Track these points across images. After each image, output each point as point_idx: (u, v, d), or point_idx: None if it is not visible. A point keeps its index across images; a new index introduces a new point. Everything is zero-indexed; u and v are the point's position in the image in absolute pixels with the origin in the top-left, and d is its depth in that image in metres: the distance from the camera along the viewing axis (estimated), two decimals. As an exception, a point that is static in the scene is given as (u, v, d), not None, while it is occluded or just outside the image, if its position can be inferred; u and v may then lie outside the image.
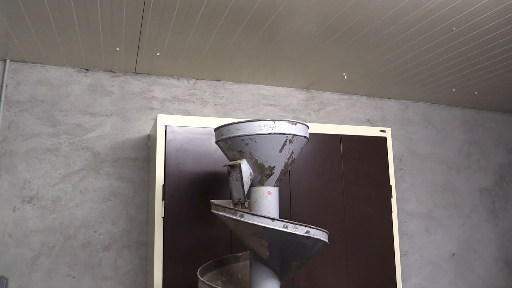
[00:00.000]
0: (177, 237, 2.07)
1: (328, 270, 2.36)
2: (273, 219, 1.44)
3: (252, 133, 1.53)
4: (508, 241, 3.80)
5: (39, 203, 2.50)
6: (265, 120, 1.54)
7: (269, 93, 3.14)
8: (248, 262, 1.90)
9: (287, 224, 1.44)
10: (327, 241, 1.56)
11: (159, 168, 2.11)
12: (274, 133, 1.53)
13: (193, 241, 2.09)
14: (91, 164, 2.63)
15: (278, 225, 1.44)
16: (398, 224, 3.33)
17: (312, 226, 1.48)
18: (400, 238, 3.33)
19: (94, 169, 2.63)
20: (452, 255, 3.53)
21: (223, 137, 1.61)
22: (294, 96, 3.21)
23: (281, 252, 1.52)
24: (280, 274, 1.60)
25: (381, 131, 2.65)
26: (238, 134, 1.55)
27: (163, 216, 2.06)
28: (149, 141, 2.70)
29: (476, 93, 3.36)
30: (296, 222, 1.45)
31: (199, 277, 1.58)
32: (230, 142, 1.59)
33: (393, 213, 2.58)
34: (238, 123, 1.56)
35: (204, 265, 1.74)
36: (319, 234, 1.50)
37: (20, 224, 2.45)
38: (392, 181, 2.61)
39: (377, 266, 2.50)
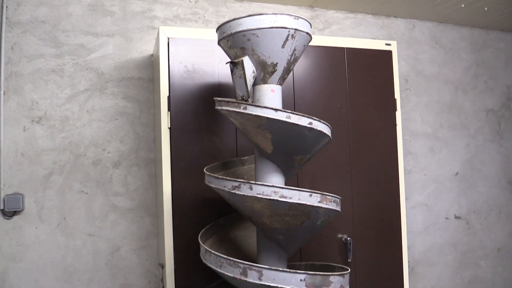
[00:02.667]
0: (184, 147, 2.11)
1: (333, 180, 2.41)
2: (276, 109, 1.45)
3: (254, 27, 1.52)
4: (512, 161, 3.84)
5: (48, 123, 2.54)
6: (267, 14, 1.52)
7: (272, 12, 3.07)
8: (253, 165, 1.95)
9: (290, 114, 1.46)
10: (330, 135, 1.59)
11: (163, 79, 2.11)
12: (276, 27, 1.52)
13: (199, 150, 2.13)
14: (96, 84, 2.64)
15: (281, 116, 1.46)
16: (403, 144, 3.35)
17: (315, 118, 1.50)
18: (404, 157, 3.36)
19: (99, 89, 2.65)
20: (456, 174, 3.58)
21: (225, 34, 1.59)
22: (298, 14, 3.14)
23: (284, 145, 1.56)
24: (284, 168, 1.64)
25: (387, 44, 2.61)
26: (240, 29, 1.54)
27: (169, 126, 2.10)
28: (153, 57, 2.68)
29: (485, 9, 3.26)
30: (299, 113, 1.46)
31: (206, 172, 1.63)
32: (232, 39, 1.58)
33: (397, 127, 2.60)
34: (239, 18, 1.54)
35: (210, 165, 1.79)
36: (322, 127, 1.53)
37: (31, 143, 2.51)
38: (397, 95, 2.61)
39: (381, 182, 2.55)
